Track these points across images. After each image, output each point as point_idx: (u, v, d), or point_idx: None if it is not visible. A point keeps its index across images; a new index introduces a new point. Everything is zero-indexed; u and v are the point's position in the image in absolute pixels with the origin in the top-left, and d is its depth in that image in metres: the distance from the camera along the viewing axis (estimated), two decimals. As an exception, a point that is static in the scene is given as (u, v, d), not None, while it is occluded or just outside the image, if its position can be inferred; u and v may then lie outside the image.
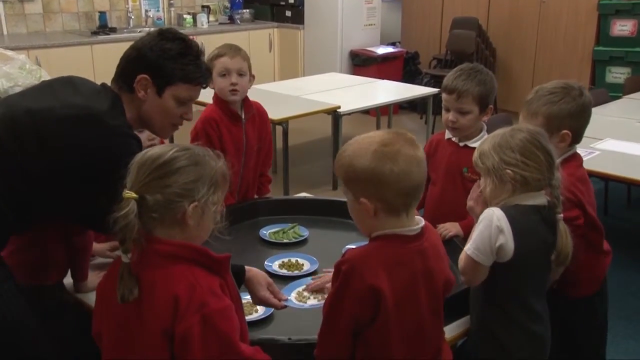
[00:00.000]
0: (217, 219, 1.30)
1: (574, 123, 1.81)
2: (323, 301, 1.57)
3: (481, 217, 1.55)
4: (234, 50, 2.32)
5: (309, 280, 1.78)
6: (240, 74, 2.30)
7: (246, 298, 1.60)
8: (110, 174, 1.45)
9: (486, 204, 1.60)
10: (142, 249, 1.22)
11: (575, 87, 1.84)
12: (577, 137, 1.85)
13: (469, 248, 1.53)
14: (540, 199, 1.55)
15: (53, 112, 1.49)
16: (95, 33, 5.83)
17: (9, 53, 3.07)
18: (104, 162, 1.46)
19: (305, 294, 1.72)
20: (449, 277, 1.42)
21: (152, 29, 1.75)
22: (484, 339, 1.60)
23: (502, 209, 1.52)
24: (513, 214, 1.51)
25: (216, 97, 2.37)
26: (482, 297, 1.60)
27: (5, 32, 5.71)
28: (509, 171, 1.52)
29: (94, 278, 1.77)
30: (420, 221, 1.35)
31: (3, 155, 1.46)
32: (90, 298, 1.67)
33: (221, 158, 1.31)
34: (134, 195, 1.20)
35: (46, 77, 3.08)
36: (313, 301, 1.70)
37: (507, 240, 1.49)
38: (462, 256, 1.56)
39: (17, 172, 1.46)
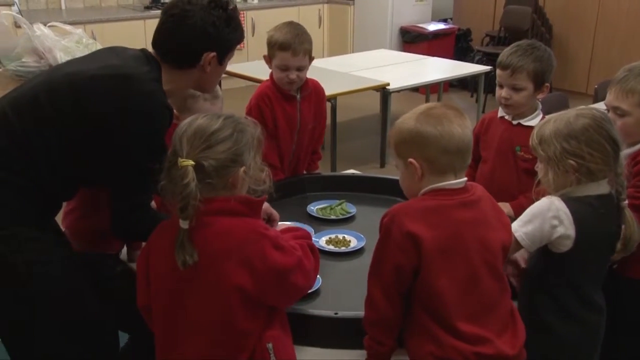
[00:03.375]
0: (267, 182, 1.38)
1: None
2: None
3: (539, 203, 1.50)
4: (297, 42, 2.16)
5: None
6: (300, 69, 2.22)
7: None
8: (141, 138, 1.48)
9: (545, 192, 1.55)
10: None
11: None
12: None
13: (517, 230, 1.49)
14: (603, 187, 1.50)
15: (88, 72, 1.52)
16: (148, 8, 5.93)
17: (67, 27, 3.14)
18: (135, 124, 1.48)
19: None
20: (503, 239, 1.41)
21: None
22: (533, 324, 1.56)
23: (563, 199, 1.48)
24: (574, 205, 1.47)
25: (272, 75, 2.30)
26: (533, 282, 1.57)
27: (63, 7, 5.87)
28: (572, 162, 1.47)
29: None
30: (464, 178, 1.39)
31: (43, 120, 1.48)
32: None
33: (258, 125, 1.38)
34: (191, 162, 1.25)
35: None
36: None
37: (567, 230, 1.46)
38: None
39: (56, 136, 1.48)
